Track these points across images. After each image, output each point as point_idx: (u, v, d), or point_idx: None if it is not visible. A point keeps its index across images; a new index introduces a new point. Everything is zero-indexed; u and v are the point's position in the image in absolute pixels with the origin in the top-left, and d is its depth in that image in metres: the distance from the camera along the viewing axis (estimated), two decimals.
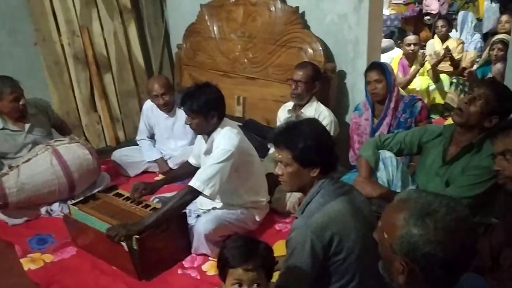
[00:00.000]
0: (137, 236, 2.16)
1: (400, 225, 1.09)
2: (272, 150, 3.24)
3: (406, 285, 1.13)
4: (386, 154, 2.29)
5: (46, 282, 2.30)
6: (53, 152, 2.90)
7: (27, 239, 2.67)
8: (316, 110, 2.98)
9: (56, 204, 2.96)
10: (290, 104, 3.15)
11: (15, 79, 2.99)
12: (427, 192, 1.15)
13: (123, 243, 2.15)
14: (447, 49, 4.64)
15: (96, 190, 2.82)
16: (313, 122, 1.77)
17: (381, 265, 1.23)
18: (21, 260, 2.48)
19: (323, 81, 3.09)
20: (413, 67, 4.48)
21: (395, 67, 4.50)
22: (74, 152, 2.96)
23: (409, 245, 1.07)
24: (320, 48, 3.15)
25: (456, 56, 4.90)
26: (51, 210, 2.95)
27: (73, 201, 2.64)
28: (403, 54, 4.61)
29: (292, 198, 2.75)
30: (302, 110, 3.02)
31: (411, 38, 4.54)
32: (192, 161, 2.73)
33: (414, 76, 4.41)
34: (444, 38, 5.20)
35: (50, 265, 2.45)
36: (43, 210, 2.93)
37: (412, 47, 4.47)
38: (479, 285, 1.26)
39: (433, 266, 1.06)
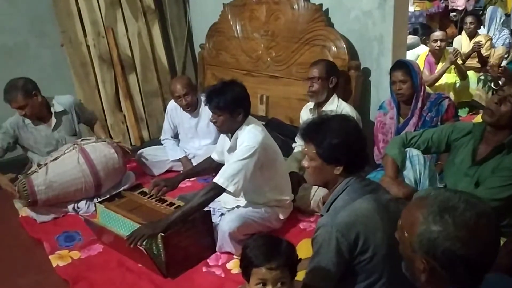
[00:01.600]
0: (162, 234, 2.18)
1: (419, 222, 1.08)
2: (296, 149, 3.23)
3: (429, 284, 1.11)
4: (413, 152, 2.24)
5: (74, 279, 2.33)
6: (80, 150, 2.95)
7: (55, 236, 2.73)
8: (338, 107, 2.94)
9: (83, 202, 3.01)
10: (312, 104, 3.12)
11: (20, 86, 2.96)
12: (445, 189, 1.13)
13: (142, 248, 2.15)
14: (477, 43, 4.52)
15: (122, 189, 2.86)
16: (344, 119, 1.73)
17: (404, 265, 1.22)
18: (50, 257, 2.54)
19: (347, 79, 3.06)
20: (441, 64, 4.37)
21: (421, 64, 4.41)
22: (100, 151, 3.01)
23: (428, 243, 1.05)
24: (344, 46, 3.11)
25: (484, 52, 4.78)
26: (78, 207, 3.00)
27: (99, 199, 2.69)
28: (429, 50, 4.51)
29: (316, 197, 2.73)
30: (323, 109, 2.98)
31: (437, 34, 4.43)
32: (215, 157, 2.74)
33: (442, 74, 4.28)
34: (472, 35, 5.08)
35: (77, 262, 2.49)
36: (70, 207, 2.99)
37: (439, 43, 4.36)
38: (504, 285, 1.22)
39: (454, 263, 1.03)
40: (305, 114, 3.17)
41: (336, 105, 2.96)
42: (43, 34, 4.05)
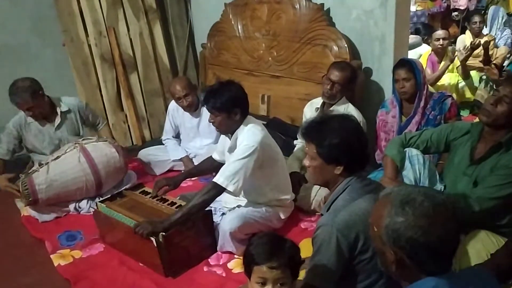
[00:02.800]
0: (164, 233, 2.18)
1: (384, 216, 1.18)
2: (296, 148, 3.22)
3: (399, 273, 1.22)
4: (412, 152, 2.24)
5: (75, 278, 2.34)
6: (81, 149, 2.96)
7: (56, 236, 2.73)
8: (345, 110, 2.91)
9: (84, 201, 3.01)
10: (317, 102, 3.11)
11: (27, 87, 2.94)
12: (407, 186, 1.25)
13: (152, 238, 2.17)
14: (473, 42, 4.50)
15: (123, 188, 2.86)
16: (346, 119, 1.73)
17: (378, 260, 1.29)
18: (51, 256, 2.54)
19: None
20: (443, 63, 4.37)
21: (423, 64, 4.41)
22: (101, 150, 3.02)
23: (393, 233, 1.16)
24: (346, 45, 3.11)
25: None
26: (79, 207, 3.01)
27: (101, 199, 2.70)
28: (432, 49, 4.50)
29: (317, 197, 2.73)
30: (331, 109, 2.97)
31: (440, 33, 4.43)
32: (216, 156, 2.74)
33: (443, 73, 4.30)
34: (478, 34, 5.06)
35: (79, 261, 2.50)
36: (71, 207, 2.99)
37: (441, 41, 4.36)
38: (487, 281, 1.24)
39: (417, 251, 1.13)
40: (309, 112, 3.15)
41: (343, 108, 2.94)
42: (45, 33, 4.06)
